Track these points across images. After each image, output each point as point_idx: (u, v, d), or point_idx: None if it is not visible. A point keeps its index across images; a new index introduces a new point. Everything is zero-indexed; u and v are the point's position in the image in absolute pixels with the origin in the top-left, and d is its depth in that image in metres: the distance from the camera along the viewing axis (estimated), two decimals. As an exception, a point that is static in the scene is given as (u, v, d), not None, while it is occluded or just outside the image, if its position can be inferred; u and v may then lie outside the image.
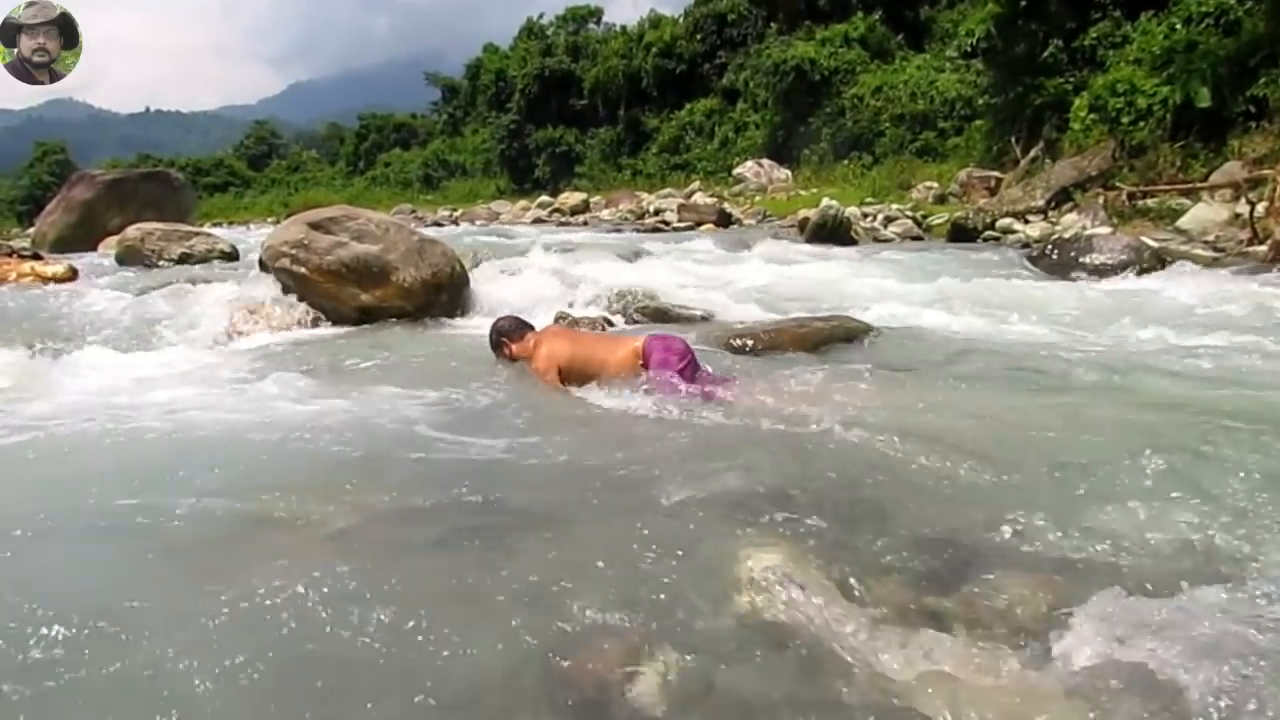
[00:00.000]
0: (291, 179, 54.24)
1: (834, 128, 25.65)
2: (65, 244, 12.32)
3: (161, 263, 9.16)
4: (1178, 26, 14.23)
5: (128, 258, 9.31)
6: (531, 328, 4.71)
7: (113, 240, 10.79)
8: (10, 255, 10.07)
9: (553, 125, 37.69)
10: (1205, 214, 10.85)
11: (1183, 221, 10.90)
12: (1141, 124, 13.44)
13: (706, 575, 2.10)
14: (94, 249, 11.56)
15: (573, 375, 4.18)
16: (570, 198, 25.65)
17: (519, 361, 4.51)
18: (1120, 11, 15.93)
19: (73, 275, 8.02)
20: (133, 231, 9.67)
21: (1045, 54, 16.46)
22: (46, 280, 7.73)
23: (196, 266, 8.88)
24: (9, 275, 7.77)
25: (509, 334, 4.63)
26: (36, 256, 9.76)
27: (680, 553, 2.21)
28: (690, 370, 3.99)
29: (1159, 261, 8.32)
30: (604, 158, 36.43)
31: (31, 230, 15.66)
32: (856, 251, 11.24)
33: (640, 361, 4.04)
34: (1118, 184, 12.89)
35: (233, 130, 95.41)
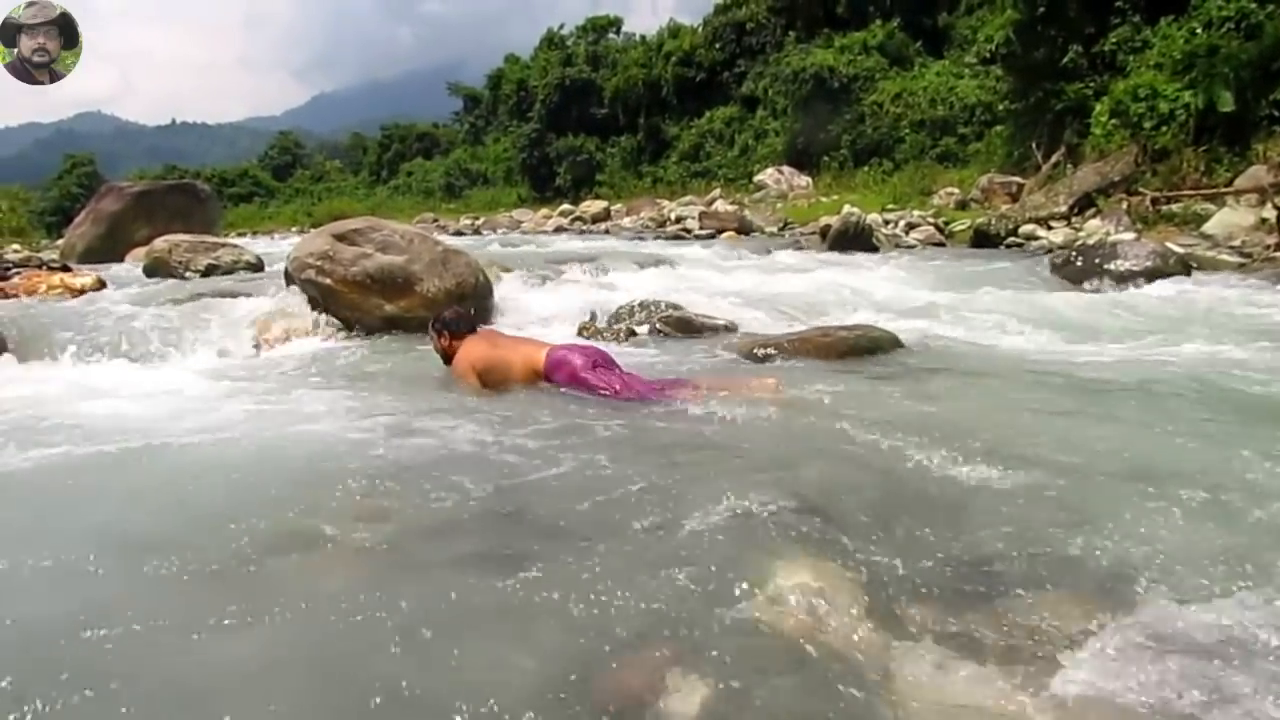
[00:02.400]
0: (315, 189, 54.65)
1: (854, 134, 25.63)
2: (93, 255, 12.40)
3: (188, 274, 9.25)
4: (1198, 31, 14.11)
5: (155, 269, 9.42)
6: (473, 329, 4.79)
7: (140, 251, 10.88)
8: (40, 267, 10.26)
9: (574, 134, 37.81)
10: (1230, 219, 10.76)
11: (1208, 226, 10.81)
12: (1164, 129, 13.34)
13: (736, 590, 2.09)
14: (121, 260, 11.64)
15: (489, 379, 4.41)
16: (591, 205, 25.76)
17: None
18: (1140, 16, 15.82)
19: (101, 287, 8.11)
20: (160, 243, 9.77)
21: (1065, 59, 16.39)
22: (75, 292, 7.82)
23: (223, 278, 8.98)
24: (39, 287, 7.89)
25: (450, 328, 4.73)
26: (65, 268, 9.92)
27: (709, 567, 2.20)
28: (600, 371, 4.18)
29: (1185, 267, 8.28)
30: (625, 165, 36.52)
31: (60, 241, 15.83)
32: (879, 258, 11.21)
33: (541, 367, 4.29)
34: (1141, 189, 12.80)
35: (257, 141, 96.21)
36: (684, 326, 6.19)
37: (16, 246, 13.47)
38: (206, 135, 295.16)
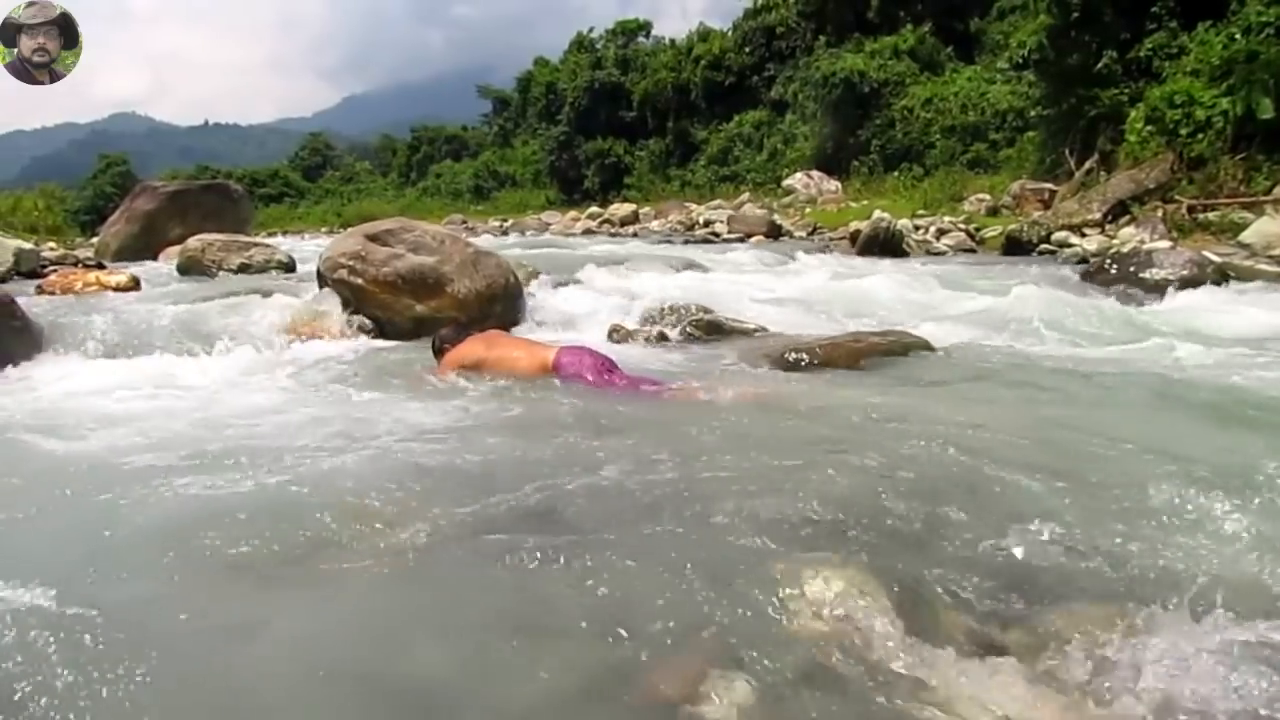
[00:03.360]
0: (345, 190, 55.18)
1: (884, 139, 25.53)
2: (127, 253, 12.46)
3: (221, 273, 9.34)
4: (1237, 36, 13.89)
5: (188, 267, 9.51)
6: (466, 335, 4.92)
7: (173, 250, 10.96)
8: (76, 265, 10.42)
9: (602, 137, 37.94)
10: (1269, 228, 10.58)
11: (1245, 235, 10.63)
12: (1200, 136, 13.15)
13: (770, 596, 2.07)
14: (155, 259, 11.71)
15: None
16: (620, 208, 25.80)
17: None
18: (1176, 22, 15.61)
19: (135, 285, 8.19)
20: (193, 242, 9.87)
21: (1099, 65, 16.21)
22: (110, 289, 7.93)
23: (255, 277, 9.06)
24: (75, 285, 7.99)
25: (447, 342, 4.89)
26: (100, 266, 10.06)
27: (742, 571, 2.18)
28: (603, 374, 4.27)
29: (1222, 276, 8.13)
30: (653, 169, 36.59)
31: (95, 240, 16.03)
32: (909, 264, 11.13)
33: (551, 369, 4.36)
34: (1177, 197, 12.63)
35: (288, 142, 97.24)
36: (714, 330, 6.16)
37: (52, 244, 13.65)
38: (238, 136, 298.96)
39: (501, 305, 6.74)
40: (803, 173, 25.54)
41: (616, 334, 6.21)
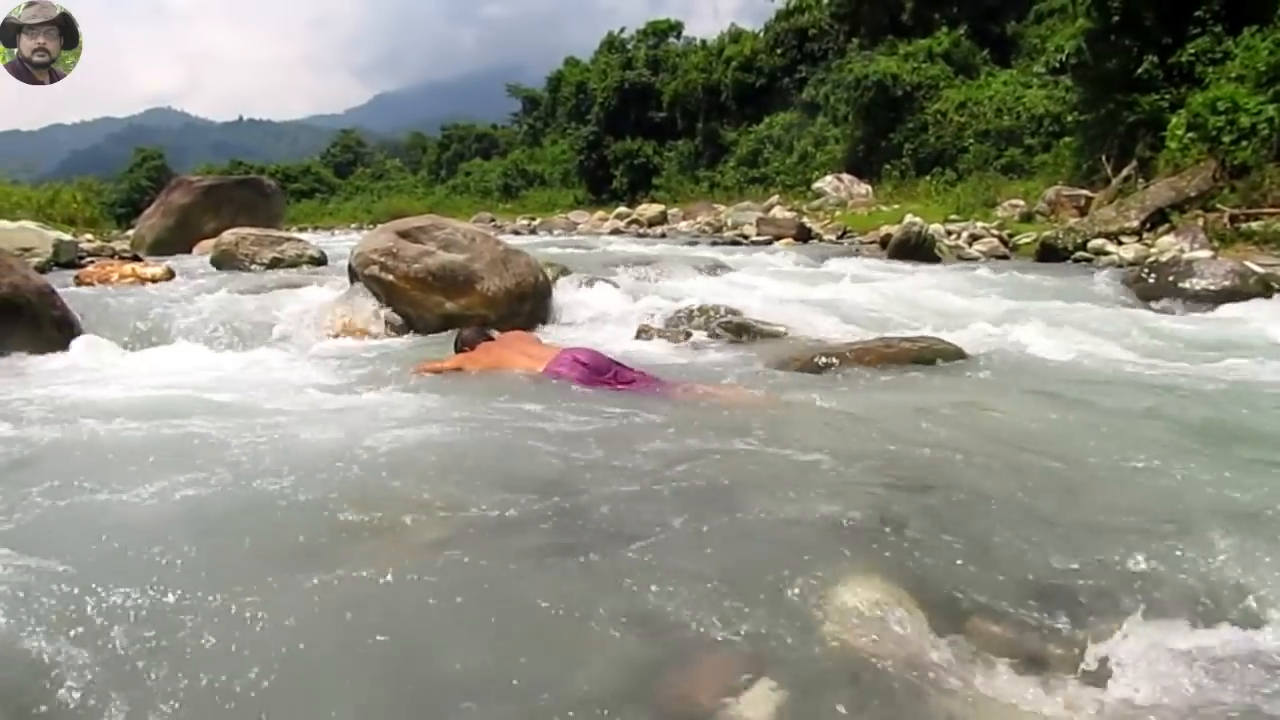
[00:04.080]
0: (375, 186, 55.70)
1: (916, 143, 25.32)
2: (162, 246, 12.64)
3: (254, 266, 9.44)
4: (1285, 42, 13.63)
5: (222, 261, 9.62)
6: (486, 338, 5.03)
7: (208, 244, 11.12)
8: (112, 257, 10.55)
9: (631, 137, 37.96)
10: (1314, 238, 10.38)
11: (1289, 246, 10.45)
12: (1244, 143, 12.89)
13: (801, 601, 2.05)
14: (189, 252, 11.87)
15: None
16: (648, 209, 25.76)
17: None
18: (1221, 26, 15.31)
19: (170, 277, 8.31)
20: (227, 236, 10.00)
21: (1139, 70, 15.92)
22: (146, 281, 8.03)
23: (287, 271, 9.14)
24: (112, 276, 8.11)
25: (469, 343, 4.98)
26: (136, 258, 10.19)
27: (774, 574, 2.16)
28: (589, 372, 4.32)
29: (1265, 287, 7.95)
30: (682, 169, 36.54)
31: (130, 232, 16.24)
32: (941, 269, 11.02)
33: (544, 368, 4.46)
34: (1219, 205, 12.40)
35: (320, 139, 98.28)
36: (742, 331, 6.13)
37: (89, 236, 13.82)
38: (271, 132, 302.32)
39: (530, 304, 6.75)
40: (833, 175, 25.38)
41: (644, 334, 6.19)
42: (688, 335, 6.17)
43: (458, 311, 6.44)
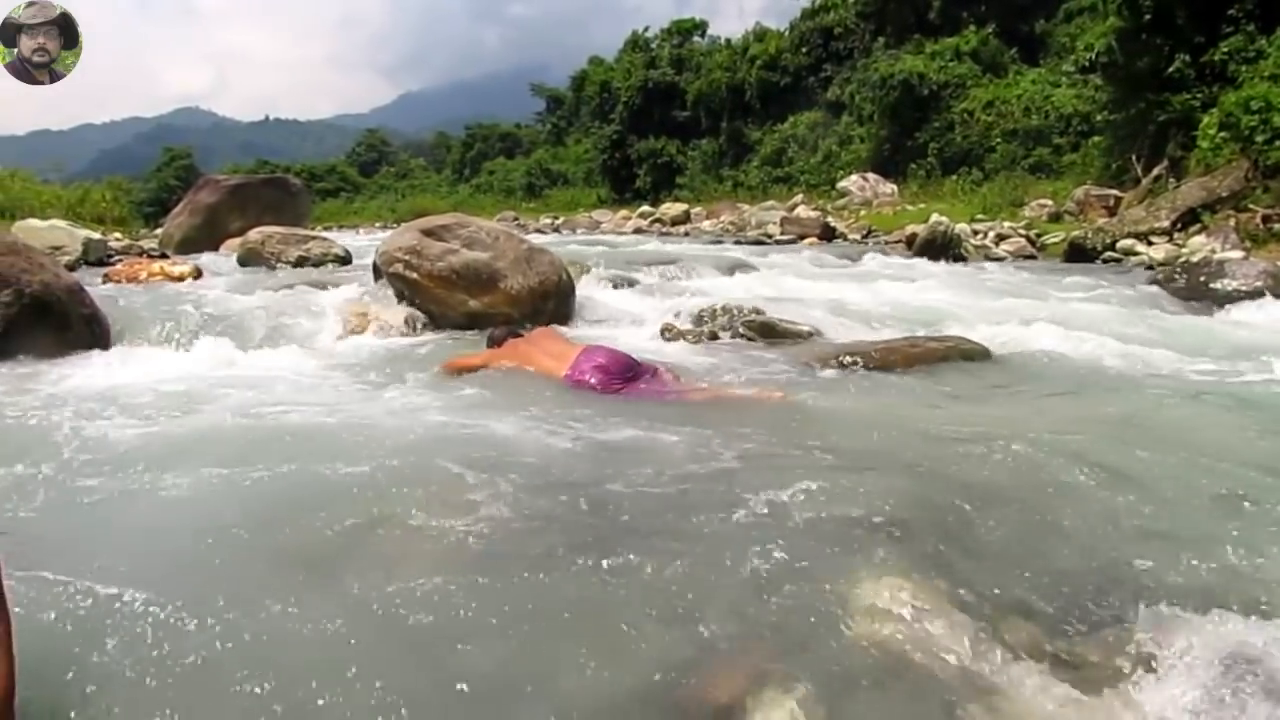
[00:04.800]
0: (399, 185, 56.00)
1: (942, 142, 25.14)
2: (189, 245, 12.77)
3: (280, 265, 9.54)
4: (1322, 40, 13.39)
5: (248, 259, 9.72)
6: (514, 335, 5.12)
7: (234, 242, 11.25)
8: (141, 255, 10.68)
9: (655, 136, 37.91)
10: (1350, 240, 10.18)
11: (1324, 247, 10.26)
12: (1278, 143, 12.68)
13: (829, 600, 2.03)
14: (216, 250, 11.98)
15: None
16: (671, 208, 25.75)
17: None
18: (1254, 25, 15.05)
19: (198, 275, 8.41)
20: (254, 235, 10.10)
21: (1171, 69, 15.70)
22: (174, 279, 8.12)
23: (313, 269, 9.22)
24: (140, 274, 8.20)
25: (497, 341, 5.07)
26: (164, 256, 10.31)
27: (800, 574, 2.14)
28: (609, 378, 4.33)
29: (1298, 288, 7.83)
30: (705, 169, 36.45)
31: (159, 231, 16.44)
32: (968, 269, 10.95)
33: (565, 370, 4.48)
34: (1251, 206, 12.20)
35: (345, 138, 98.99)
36: (767, 332, 6.09)
37: (118, 235, 14.00)
38: (297, 132, 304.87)
39: (553, 302, 6.75)
40: (858, 175, 25.22)
41: (668, 333, 6.16)
42: (712, 335, 6.14)
43: (481, 310, 6.45)
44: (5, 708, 1.35)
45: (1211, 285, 8.02)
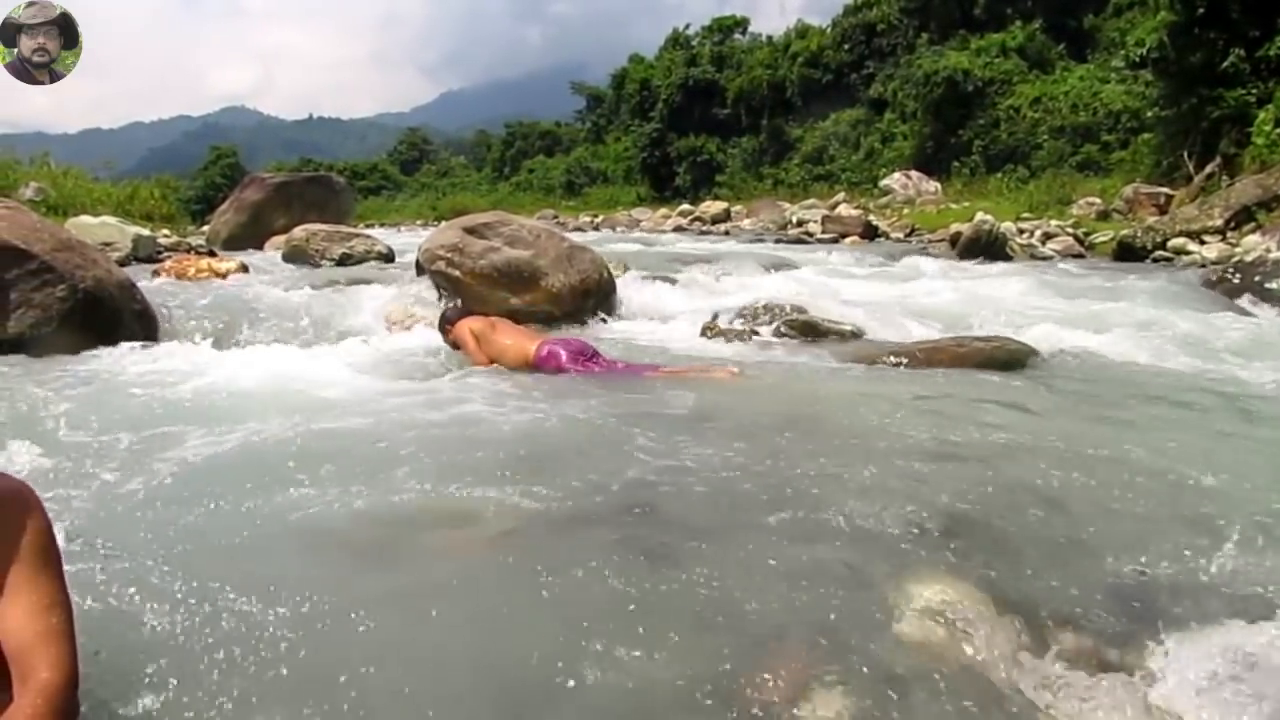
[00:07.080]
0: (440, 184, 56.48)
1: (987, 139, 24.83)
2: (235, 242, 12.96)
3: (324, 262, 9.64)
4: (1383, 32, 12.98)
5: (293, 256, 9.85)
6: (468, 314, 5.36)
7: (279, 239, 11.42)
8: (188, 252, 10.86)
9: (695, 134, 37.85)
10: None
11: (1385, 246, 9.95)
12: (1338, 139, 12.36)
13: (875, 602, 2.02)
14: (261, 247, 12.18)
15: (488, 350, 4.95)
16: (711, 206, 25.71)
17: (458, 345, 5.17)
18: (1315, 17, 14.69)
19: (244, 271, 8.53)
20: (299, 232, 10.24)
21: (1225, 64, 15.33)
22: (221, 275, 8.25)
23: (356, 266, 9.32)
24: (188, 270, 8.33)
25: (448, 320, 5.29)
26: (211, 253, 10.48)
27: (848, 575, 2.13)
28: (576, 355, 4.62)
29: (1359, 290, 7.60)
30: (745, 167, 36.32)
31: (205, 228, 16.72)
32: (1014, 268, 10.77)
33: (531, 358, 4.70)
34: (1308, 203, 11.89)
35: (387, 136, 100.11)
36: (809, 330, 6.04)
37: (167, 232, 14.23)
38: (340, 130, 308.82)
39: (594, 300, 6.77)
40: (901, 173, 24.98)
41: (710, 331, 6.14)
42: (754, 333, 6.11)
43: (523, 307, 6.48)
44: (69, 695, 1.37)
45: (1267, 285, 7.82)
